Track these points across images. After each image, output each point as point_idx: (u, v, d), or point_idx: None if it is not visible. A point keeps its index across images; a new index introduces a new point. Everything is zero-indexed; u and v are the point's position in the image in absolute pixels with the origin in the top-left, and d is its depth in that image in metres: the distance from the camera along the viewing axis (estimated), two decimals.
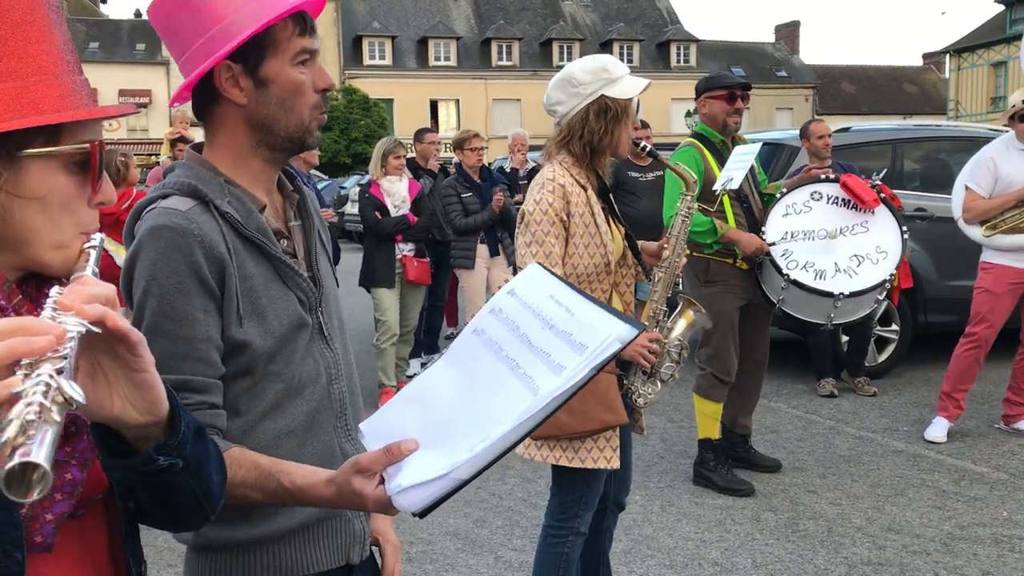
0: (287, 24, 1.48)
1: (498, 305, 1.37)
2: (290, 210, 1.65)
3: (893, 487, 4.83)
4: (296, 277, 1.54)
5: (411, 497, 1.20)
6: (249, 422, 1.50)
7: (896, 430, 5.86)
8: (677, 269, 3.09)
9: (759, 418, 6.08)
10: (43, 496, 0.72)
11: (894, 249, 4.81)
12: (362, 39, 47.34)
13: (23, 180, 1.02)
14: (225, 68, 1.47)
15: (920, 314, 7.20)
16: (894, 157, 7.47)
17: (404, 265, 6.74)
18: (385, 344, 6.72)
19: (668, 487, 4.93)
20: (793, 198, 4.88)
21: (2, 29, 1.00)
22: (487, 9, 51.64)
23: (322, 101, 1.57)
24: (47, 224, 1.04)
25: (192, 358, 1.41)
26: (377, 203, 6.66)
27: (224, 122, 1.54)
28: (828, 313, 4.69)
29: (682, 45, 51.60)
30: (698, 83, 4.88)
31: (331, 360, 1.61)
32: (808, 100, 53.88)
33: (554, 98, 2.89)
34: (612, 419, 2.82)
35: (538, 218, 2.78)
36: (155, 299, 1.40)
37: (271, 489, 1.37)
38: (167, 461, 1.02)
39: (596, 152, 2.86)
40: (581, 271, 2.82)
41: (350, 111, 39.67)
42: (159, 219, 1.43)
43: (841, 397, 6.67)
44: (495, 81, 47.30)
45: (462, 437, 1.20)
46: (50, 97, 1.02)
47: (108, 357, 0.92)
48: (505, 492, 4.87)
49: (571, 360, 1.18)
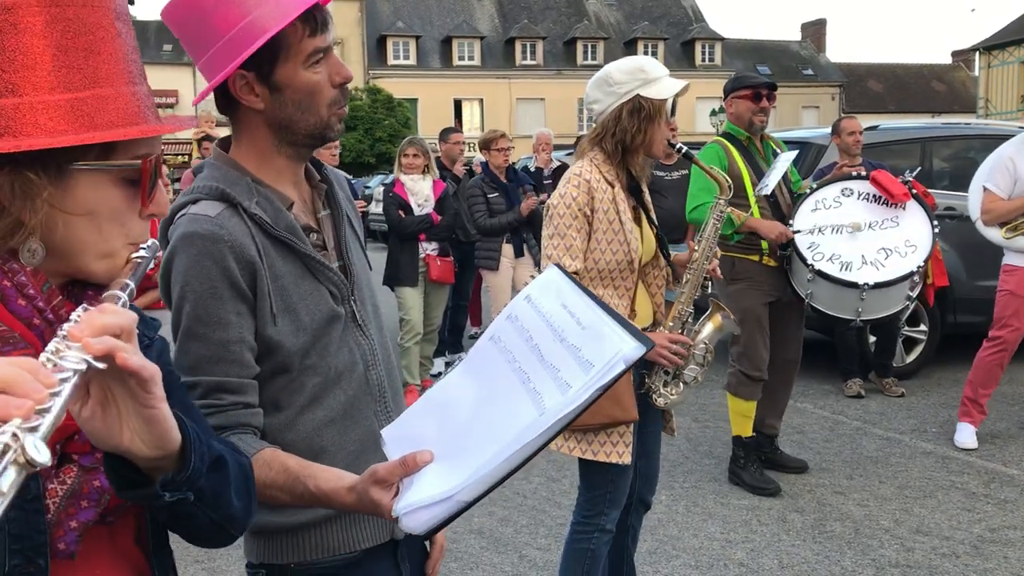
0: (296, 27, 1.47)
1: (515, 312, 1.37)
2: (319, 200, 1.67)
3: (921, 489, 4.78)
4: (326, 271, 1.57)
5: (416, 519, 1.20)
6: (290, 416, 1.55)
7: (924, 431, 5.80)
8: (711, 272, 3.08)
9: (786, 419, 6.03)
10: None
11: (924, 243, 4.73)
12: (386, 39, 47.51)
13: (71, 194, 1.00)
14: (239, 77, 1.49)
15: (949, 314, 7.12)
16: (923, 156, 7.39)
17: (427, 264, 6.75)
18: (409, 343, 6.73)
19: (693, 487, 4.90)
20: (823, 194, 4.84)
21: (64, 38, 0.98)
22: (511, 8, 51.65)
23: (341, 95, 1.57)
24: (95, 235, 1.03)
25: (226, 360, 1.46)
26: (401, 202, 6.67)
27: (246, 124, 1.57)
28: (855, 307, 4.63)
29: (707, 44, 51.35)
30: (726, 83, 4.91)
31: (367, 347, 1.64)
32: (834, 99, 53.46)
33: (592, 96, 2.93)
34: (620, 415, 2.82)
35: (561, 211, 2.82)
36: (190, 304, 1.45)
37: (298, 493, 1.41)
38: (173, 497, 1.00)
39: (628, 150, 2.87)
40: (603, 267, 2.83)
41: (374, 111, 39.85)
42: (190, 226, 1.47)
43: (868, 398, 6.61)
44: (519, 80, 47.31)
45: (471, 453, 1.19)
46: (107, 111, 1.00)
47: (120, 388, 0.90)
48: (530, 491, 4.86)
49: (577, 379, 1.17)
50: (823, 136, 7.26)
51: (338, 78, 1.55)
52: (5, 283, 1.00)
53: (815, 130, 8.06)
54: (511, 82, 47.59)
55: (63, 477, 1.00)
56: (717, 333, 3.18)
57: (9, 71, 0.96)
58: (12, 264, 1.01)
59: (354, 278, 1.65)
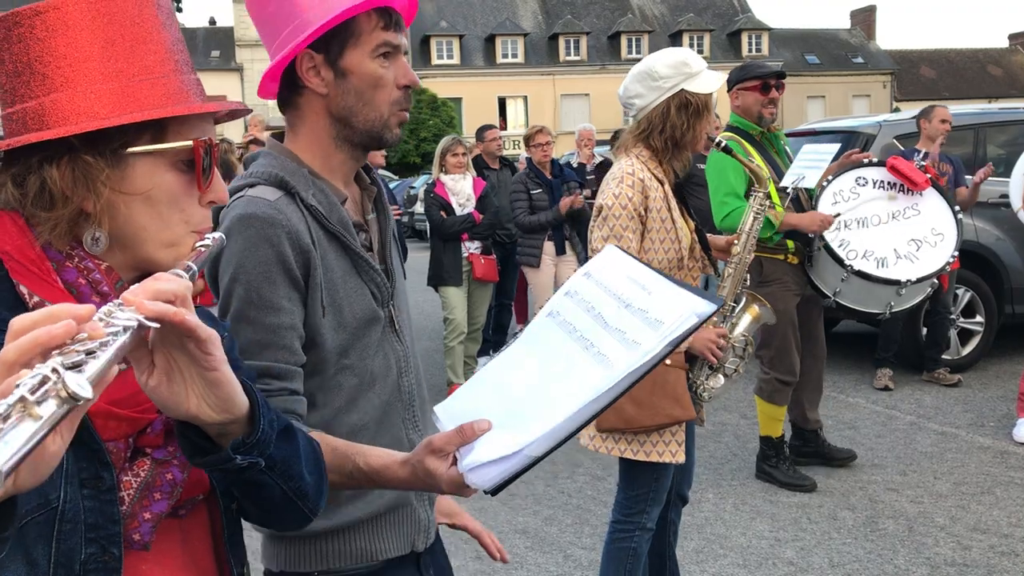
0: (371, 16, 1.48)
1: (573, 287, 1.37)
2: (367, 203, 1.68)
3: (979, 485, 4.64)
4: (371, 271, 1.56)
5: (483, 475, 1.20)
6: (326, 416, 1.54)
7: (982, 425, 5.63)
8: (747, 266, 3.03)
9: (836, 414, 5.93)
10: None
11: (950, 231, 4.63)
12: (430, 39, 47.73)
13: (128, 177, 1.04)
14: (307, 57, 1.49)
15: (1007, 304, 6.92)
16: (976, 142, 7.19)
17: (471, 263, 6.74)
18: (453, 342, 6.73)
19: (741, 485, 4.83)
20: (839, 185, 4.70)
21: (110, 30, 1.03)
22: (554, 4, 51.53)
23: (404, 98, 1.56)
24: (155, 221, 1.06)
25: (275, 346, 1.45)
26: (442, 202, 6.67)
27: (307, 113, 1.56)
28: (888, 302, 4.52)
29: (753, 34, 50.68)
30: (730, 73, 4.65)
31: (401, 353, 1.64)
32: (886, 87, 52.42)
33: (632, 91, 2.87)
34: (680, 414, 2.79)
35: (617, 212, 2.76)
36: (242, 287, 1.44)
37: (347, 471, 1.39)
38: (245, 460, 1.01)
39: (678, 147, 2.83)
40: (656, 265, 2.78)
41: (419, 111, 40.02)
42: (248, 208, 1.46)
43: (923, 392, 6.45)
44: (563, 76, 47.19)
45: (535, 416, 1.19)
46: (155, 95, 1.05)
47: (183, 355, 0.92)
48: (574, 490, 4.83)
49: (646, 336, 1.17)
50: (872, 124, 7.11)
51: (404, 80, 1.55)
52: (80, 280, 1.03)
53: (863, 118, 7.89)
54: (555, 78, 47.49)
55: (136, 470, 1.03)
56: (755, 324, 3.14)
57: (62, 67, 1.01)
58: (87, 261, 1.04)
59: (395, 284, 1.65)
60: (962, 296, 6.89)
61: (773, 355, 4.69)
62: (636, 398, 2.73)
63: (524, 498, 4.72)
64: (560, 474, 5.04)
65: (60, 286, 1.02)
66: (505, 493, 4.69)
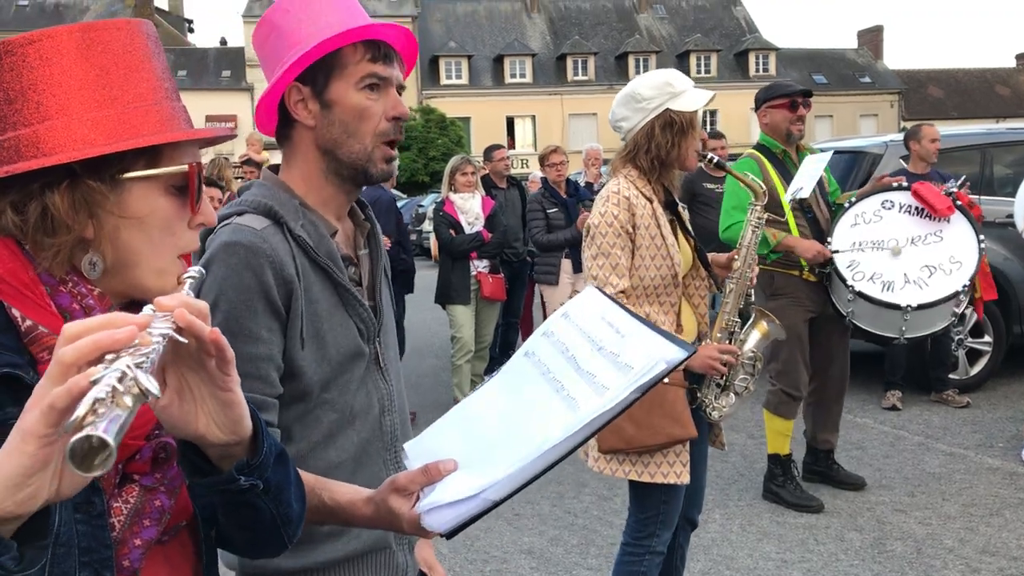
0: (356, 49, 1.50)
1: (551, 327, 1.36)
2: (360, 238, 1.67)
3: (988, 507, 4.61)
4: (358, 306, 1.55)
5: (439, 517, 1.18)
6: (302, 450, 1.51)
7: (991, 446, 5.60)
8: (750, 281, 3.04)
9: (844, 434, 5.89)
10: (104, 472, 0.73)
11: (969, 259, 4.55)
12: (439, 59, 48.04)
13: (125, 202, 1.06)
14: (295, 90, 1.52)
15: (1015, 324, 6.90)
16: (983, 162, 7.19)
17: (479, 282, 6.76)
18: (460, 360, 6.74)
19: (748, 505, 4.81)
20: (863, 207, 4.72)
21: (104, 59, 1.05)
22: (562, 25, 51.83)
23: (393, 129, 1.56)
24: (148, 246, 1.08)
25: (252, 376, 1.42)
26: (451, 220, 6.70)
27: (299, 146, 1.58)
28: (899, 326, 4.50)
29: (760, 54, 50.85)
30: (757, 93, 4.79)
31: (385, 392, 1.62)
32: (893, 106, 52.46)
33: (619, 114, 2.91)
34: (680, 433, 2.79)
35: (603, 230, 2.79)
36: (221, 314, 1.42)
37: (313, 505, 1.36)
38: (248, 482, 1.02)
39: (664, 165, 2.85)
40: (648, 283, 2.81)
41: (428, 130, 40.21)
42: (233, 235, 1.46)
43: (931, 412, 6.42)
44: (571, 96, 47.37)
45: (499, 458, 1.17)
46: (149, 122, 1.07)
47: (195, 374, 0.93)
48: (580, 510, 4.82)
49: (615, 381, 1.15)
50: (878, 144, 7.12)
51: (393, 112, 1.55)
52: (74, 306, 1.04)
53: (870, 139, 7.90)
54: (563, 98, 47.68)
55: (126, 496, 1.03)
56: (764, 340, 3.14)
57: (56, 94, 1.03)
58: (81, 287, 1.05)
59: (383, 320, 1.64)
60: (970, 316, 6.87)
61: (780, 368, 4.69)
62: (635, 418, 2.73)
63: (529, 518, 4.71)
64: (566, 494, 5.02)
65: (53, 310, 1.03)
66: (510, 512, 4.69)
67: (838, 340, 4.84)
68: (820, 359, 4.75)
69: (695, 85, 2.86)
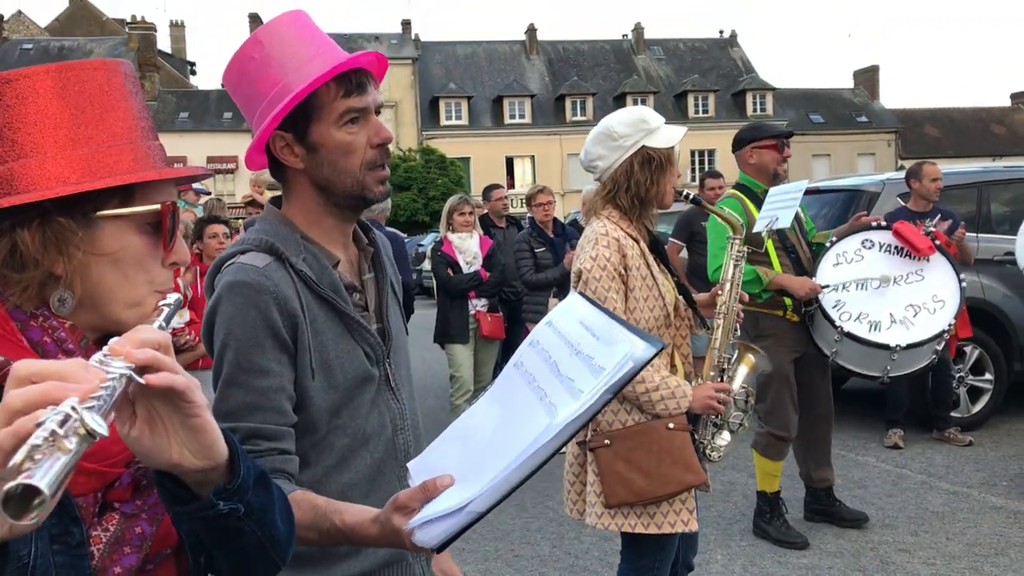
0: (329, 88, 1.52)
1: (536, 336, 1.38)
2: (364, 263, 1.70)
3: (992, 546, 4.56)
4: (364, 332, 1.58)
5: (428, 532, 1.21)
6: (317, 475, 1.55)
7: (994, 484, 5.56)
8: (737, 316, 3.01)
9: (846, 472, 5.86)
10: (37, 523, 0.72)
11: (952, 298, 4.62)
12: (438, 100, 48.45)
13: (97, 239, 1.06)
14: (278, 138, 1.55)
15: (1015, 361, 6.88)
16: (980, 200, 7.22)
17: (478, 321, 6.75)
18: (460, 400, 6.71)
19: (751, 546, 4.75)
20: (844, 247, 4.75)
21: (80, 98, 1.06)
22: (560, 66, 52.36)
23: (379, 155, 1.59)
24: (121, 282, 1.08)
25: (264, 408, 1.47)
26: (449, 260, 6.71)
27: (294, 184, 1.61)
28: (885, 366, 4.53)
29: (758, 94, 51.30)
30: (741, 134, 4.78)
31: (397, 411, 1.65)
32: (890, 145, 52.82)
33: (594, 153, 2.86)
34: (692, 479, 2.72)
35: (597, 274, 2.72)
36: (232, 352, 1.47)
37: (325, 529, 1.40)
38: (227, 506, 1.02)
39: (644, 203, 2.82)
40: (643, 325, 2.76)
41: (428, 170, 40.44)
42: (237, 275, 1.50)
43: (934, 450, 6.38)
44: (570, 136, 47.63)
45: (487, 469, 1.19)
46: (124, 161, 1.08)
47: (164, 404, 0.92)
48: (581, 551, 4.76)
49: (589, 384, 1.17)
50: (875, 183, 7.15)
51: (376, 139, 1.57)
52: (45, 339, 1.05)
53: (867, 177, 7.94)
54: (562, 138, 47.97)
55: (106, 524, 1.03)
56: (752, 374, 3.12)
57: (32, 133, 1.04)
58: (52, 320, 1.06)
59: (392, 341, 1.66)
60: (970, 354, 6.86)
61: (768, 409, 4.68)
62: (644, 469, 2.67)
63: (529, 559, 4.66)
64: (566, 535, 4.97)
65: (25, 344, 1.03)
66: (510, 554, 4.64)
67: (820, 379, 4.85)
68: (804, 399, 4.75)
69: (667, 121, 2.85)
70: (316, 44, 1.53)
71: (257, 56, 1.52)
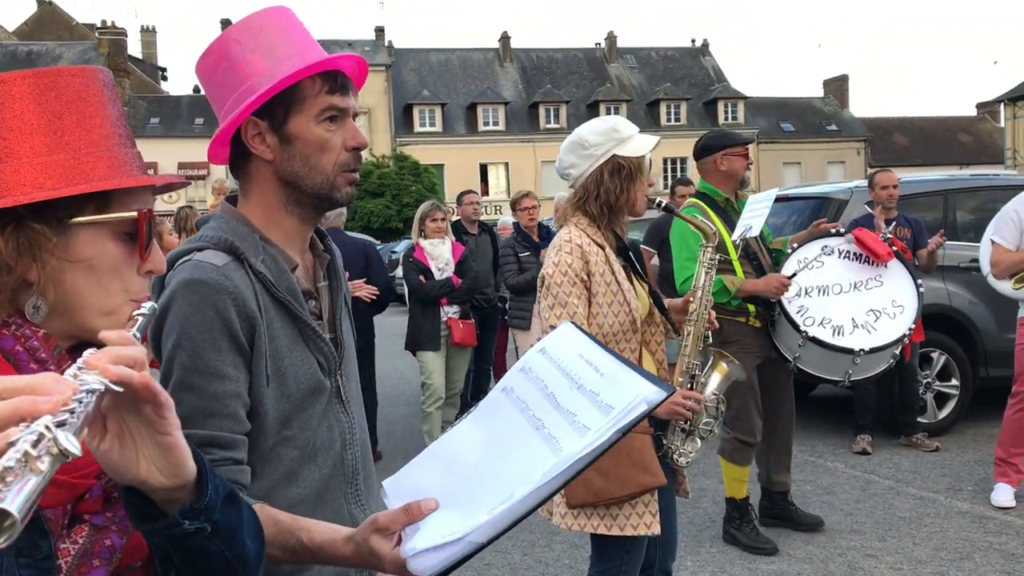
0: (314, 81, 1.49)
1: (528, 364, 1.35)
2: (320, 270, 1.66)
3: (958, 551, 4.61)
4: (319, 341, 1.53)
5: (425, 561, 1.17)
6: (263, 488, 1.48)
7: (960, 490, 5.62)
8: (707, 322, 3.03)
9: (815, 478, 5.91)
10: (5, 545, 0.70)
11: (910, 303, 4.73)
12: (412, 107, 48.35)
13: (72, 246, 1.05)
14: (252, 124, 1.50)
15: (981, 367, 6.97)
16: (946, 207, 7.32)
17: (450, 327, 6.73)
18: (431, 408, 6.69)
19: (720, 552, 4.77)
20: (804, 253, 4.83)
21: (57, 104, 1.06)
22: (534, 74, 52.48)
23: (353, 159, 1.56)
24: (96, 289, 1.07)
25: (220, 414, 1.40)
26: (421, 267, 6.69)
27: (256, 178, 1.56)
28: (846, 370, 4.59)
29: (729, 103, 51.68)
30: (710, 141, 4.77)
31: (346, 425, 1.59)
32: (860, 153, 53.41)
33: (567, 161, 2.90)
34: (650, 481, 2.74)
35: (558, 280, 2.76)
36: (186, 353, 1.39)
37: (291, 546, 1.34)
38: (193, 525, 1.00)
39: (613, 211, 2.85)
40: (607, 330, 2.78)
41: (401, 177, 40.34)
42: (194, 272, 1.43)
43: (901, 456, 6.45)
44: (543, 143, 47.72)
45: (482, 498, 1.17)
46: (100, 167, 1.07)
47: (135, 419, 0.91)
48: (552, 559, 4.76)
49: (596, 420, 1.15)
50: (844, 190, 7.23)
51: (352, 142, 1.54)
52: (18, 348, 1.04)
53: (835, 185, 8.03)
54: (535, 145, 48.05)
55: (75, 537, 1.01)
56: (725, 382, 3.14)
57: (8, 139, 1.04)
58: (24, 329, 1.05)
59: (344, 353, 1.61)
60: (937, 360, 6.95)
61: (734, 415, 4.71)
62: (603, 469, 2.68)
63: (500, 568, 4.64)
64: (537, 543, 4.97)
65: None
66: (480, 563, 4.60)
67: (783, 384, 4.90)
68: (767, 403, 4.80)
69: (640, 130, 2.88)
70: (304, 39, 1.52)
71: (243, 40, 1.49)
